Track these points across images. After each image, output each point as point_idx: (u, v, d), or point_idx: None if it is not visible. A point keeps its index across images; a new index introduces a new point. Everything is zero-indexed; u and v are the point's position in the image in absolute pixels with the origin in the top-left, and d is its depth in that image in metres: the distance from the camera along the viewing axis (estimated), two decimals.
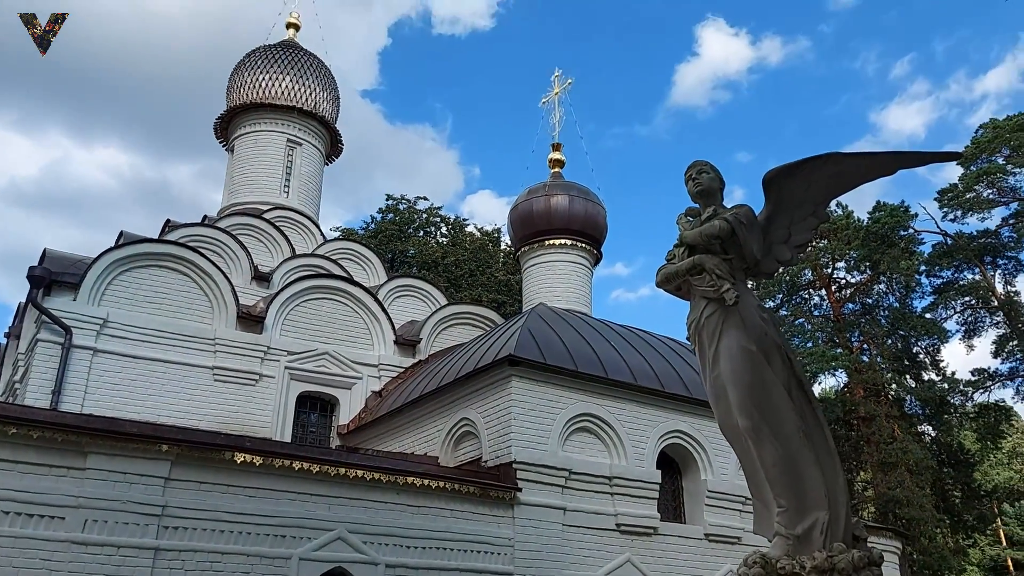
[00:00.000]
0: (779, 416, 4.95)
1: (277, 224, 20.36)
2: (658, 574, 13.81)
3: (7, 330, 18.43)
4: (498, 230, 39.78)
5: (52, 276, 14.59)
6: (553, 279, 19.49)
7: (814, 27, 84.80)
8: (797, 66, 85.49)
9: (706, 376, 5.26)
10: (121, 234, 18.47)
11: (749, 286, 5.40)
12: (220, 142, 23.90)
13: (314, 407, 17.31)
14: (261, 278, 18.41)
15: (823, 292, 38.24)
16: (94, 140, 74.27)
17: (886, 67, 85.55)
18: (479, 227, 40.68)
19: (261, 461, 10.70)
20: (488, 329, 18.43)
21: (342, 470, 11.27)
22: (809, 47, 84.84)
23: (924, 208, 44.54)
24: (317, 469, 11.10)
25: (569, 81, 21.41)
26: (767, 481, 5.04)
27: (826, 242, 36.30)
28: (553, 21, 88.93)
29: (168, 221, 20.11)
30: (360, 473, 11.39)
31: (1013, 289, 35.44)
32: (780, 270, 6.10)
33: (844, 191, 5.26)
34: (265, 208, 21.05)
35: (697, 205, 5.56)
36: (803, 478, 4.95)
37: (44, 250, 16.28)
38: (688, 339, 5.39)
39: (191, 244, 16.84)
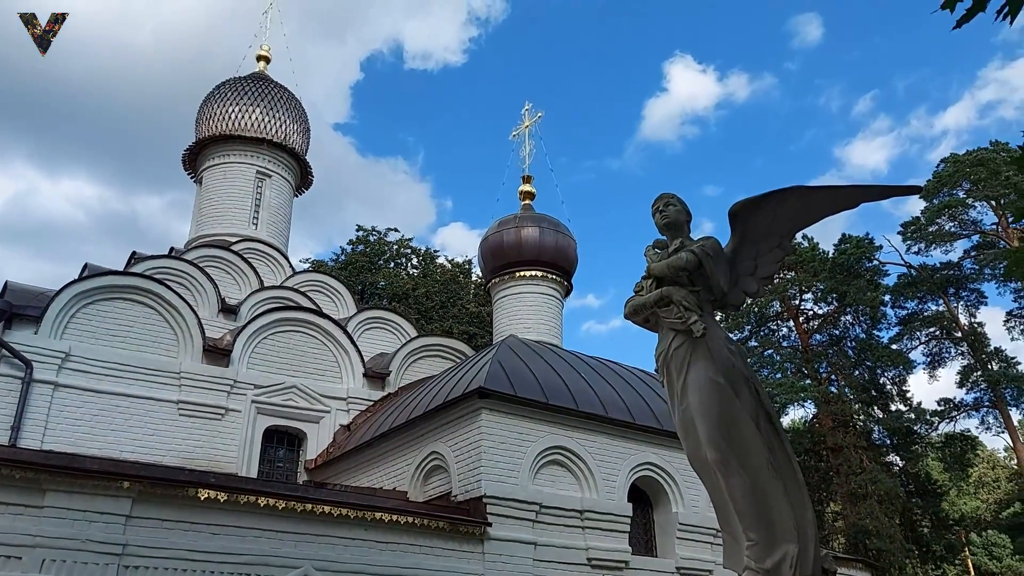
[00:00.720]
0: (747, 448, 4.95)
1: (245, 256, 20.17)
2: None
3: None
4: (469, 262, 39.79)
5: (13, 309, 14.29)
6: (524, 311, 19.46)
7: (779, 65, 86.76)
8: (763, 102, 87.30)
9: (675, 408, 5.25)
10: (85, 266, 18.19)
11: (716, 318, 5.41)
12: (188, 174, 23.70)
13: (281, 441, 17.03)
14: (228, 311, 18.18)
15: (791, 323, 38.66)
16: (61, 172, 73.45)
17: (849, 104, 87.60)
18: (450, 259, 40.70)
19: (226, 497, 10.48)
20: (458, 361, 18.33)
21: (309, 506, 11.07)
22: (775, 84, 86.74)
23: (888, 240, 45.50)
24: (283, 505, 10.88)
25: (539, 114, 21.61)
26: (736, 514, 5.02)
27: (793, 274, 36.78)
28: (524, 57, 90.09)
29: (134, 253, 19.82)
30: (327, 509, 11.19)
31: (976, 320, 36.17)
32: (747, 302, 6.12)
33: (809, 224, 5.33)
34: (233, 240, 20.86)
35: (664, 237, 5.59)
36: (772, 511, 4.94)
37: (5, 283, 15.96)
38: (656, 371, 5.38)
39: (157, 276, 16.61)
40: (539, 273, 19.64)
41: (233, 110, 22.54)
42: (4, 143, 69.69)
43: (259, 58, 24.83)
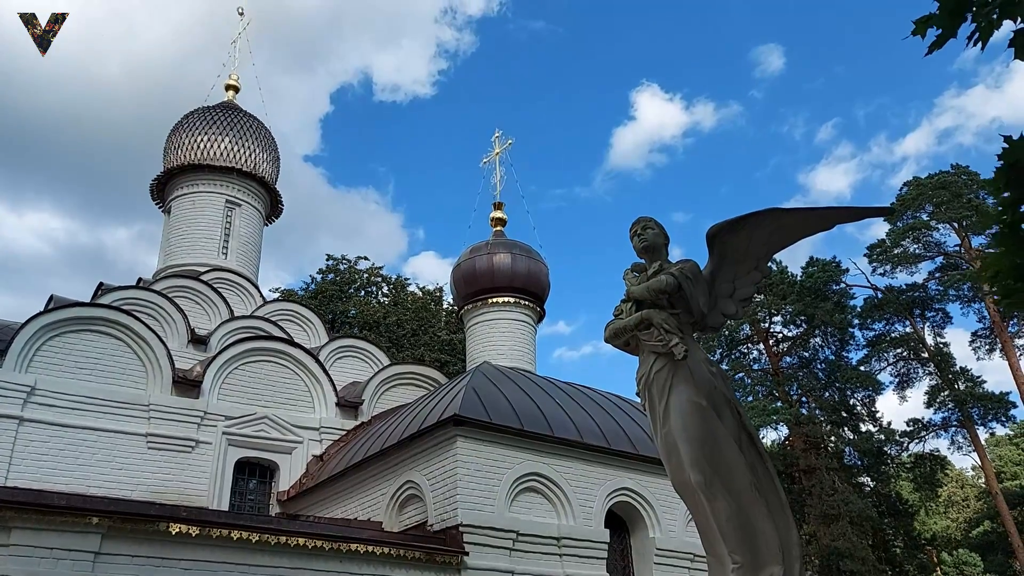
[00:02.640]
0: (731, 470, 4.95)
1: (215, 286, 19.94)
2: None
3: None
4: (440, 289, 39.71)
5: None
6: (497, 337, 19.40)
7: (744, 93, 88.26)
8: (729, 130, 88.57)
9: (657, 431, 5.25)
10: (51, 298, 17.88)
11: (696, 340, 5.44)
12: (156, 204, 23.46)
13: (253, 473, 16.75)
14: (198, 341, 17.93)
15: (761, 346, 39.00)
16: (24, 204, 72.23)
17: (812, 131, 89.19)
18: (421, 287, 40.59)
19: (198, 531, 10.27)
20: (432, 389, 18.21)
21: (283, 538, 10.88)
22: (740, 112, 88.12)
23: (855, 263, 46.16)
24: (256, 538, 10.69)
25: (509, 141, 21.71)
26: (721, 536, 5.00)
27: (763, 297, 37.17)
28: (492, 88, 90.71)
29: (101, 284, 19.51)
30: (302, 541, 11.01)
31: (942, 340, 36.76)
32: (725, 324, 6.16)
33: (785, 245, 5.39)
34: (203, 270, 20.62)
35: (643, 260, 5.62)
36: (756, 532, 4.94)
37: None
38: (637, 394, 5.38)
39: (125, 308, 16.35)
40: (512, 299, 19.62)
41: (202, 139, 22.39)
42: None
43: (228, 87, 24.74)
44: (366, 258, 40.02)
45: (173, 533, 10.12)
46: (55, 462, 14.10)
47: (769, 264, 5.46)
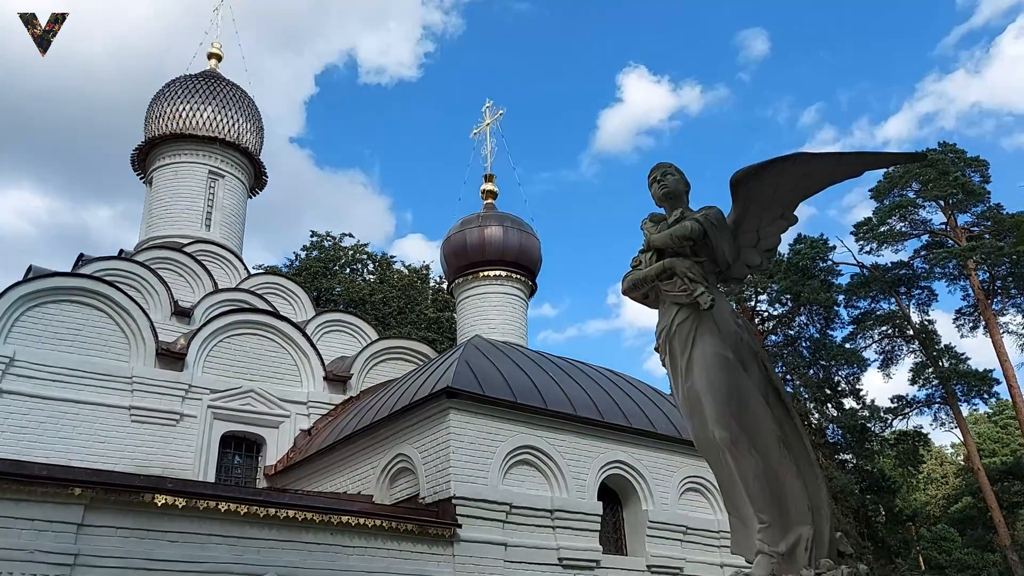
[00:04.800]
0: (758, 426, 4.72)
1: (198, 258, 19.51)
2: None
3: None
4: (427, 267, 39.31)
5: None
6: (488, 311, 19.12)
7: (731, 76, 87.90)
8: (715, 114, 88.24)
9: (678, 387, 4.98)
10: (30, 268, 17.42)
11: (721, 291, 5.18)
12: (138, 175, 22.91)
13: (239, 448, 16.46)
14: (182, 314, 17.55)
15: None
16: (5, 183, 70.82)
17: (796, 115, 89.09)
18: (407, 264, 40.16)
19: (184, 503, 9.99)
20: (421, 364, 17.94)
21: (272, 510, 10.62)
22: (726, 96, 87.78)
23: (841, 241, 46.15)
24: (245, 510, 10.42)
25: (500, 112, 21.31)
26: (747, 496, 4.77)
27: (750, 276, 37.09)
28: (478, 71, 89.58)
29: (81, 255, 19.05)
30: (292, 513, 10.75)
31: (927, 318, 36.84)
32: (747, 277, 5.91)
33: (812, 193, 5.11)
34: (186, 242, 20.17)
35: (660, 210, 5.34)
36: (785, 491, 4.71)
37: None
38: (656, 349, 5.12)
39: (107, 279, 15.92)
40: (503, 273, 19.34)
41: (184, 108, 21.86)
42: None
43: (210, 56, 24.16)
44: (351, 235, 39.54)
45: (159, 505, 9.84)
46: (36, 434, 13.73)
47: (796, 212, 5.17)
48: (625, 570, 14.15)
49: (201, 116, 21.81)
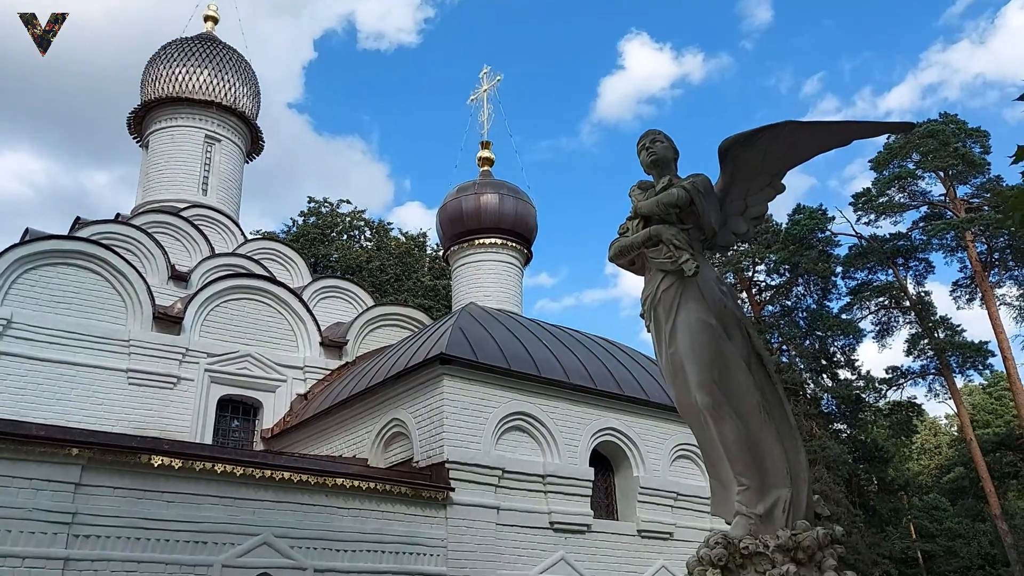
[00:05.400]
0: (739, 391, 4.79)
1: (195, 222, 19.50)
2: (592, 571, 13.67)
3: None
4: (424, 235, 39.29)
5: None
6: (483, 279, 19.20)
7: (734, 44, 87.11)
8: (717, 82, 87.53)
9: (662, 352, 5.05)
10: (27, 231, 17.42)
11: (707, 258, 5.23)
12: (134, 138, 22.81)
13: (236, 411, 16.61)
14: (179, 278, 17.59)
15: (744, 295, 39.06)
16: (3, 145, 70.38)
17: (798, 85, 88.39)
18: (404, 232, 40.11)
19: (181, 464, 10.12)
20: (416, 331, 18.03)
21: (268, 472, 10.76)
22: (727, 65, 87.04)
23: (840, 212, 46.03)
24: (241, 471, 10.56)
25: (498, 77, 21.20)
26: (727, 459, 4.86)
27: (747, 246, 37.11)
28: (478, 37, 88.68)
29: (78, 218, 19.01)
30: (287, 475, 10.90)
31: (924, 289, 36.96)
32: (734, 245, 5.96)
33: (801, 161, 5.14)
34: (182, 206, 20.15)
35: (649, 177, 5.37)
36: (764, 455, 4.80)
37: None
38: (641, 315, 5.18)
39: (103, 242, 15.95)
40: (499, 240, 19.38)
41: (180, 71, 21.70)
42: None
43: (207, 18, 23.93)
44: (348, 201, 39.44)
45: (155, 465, 9.97)
46: (34, 396, 13.84)
47: (783, 180, 5.20)
48: (616, 534, 14.38)
49: (197, 79, 21.66)
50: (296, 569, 10.71)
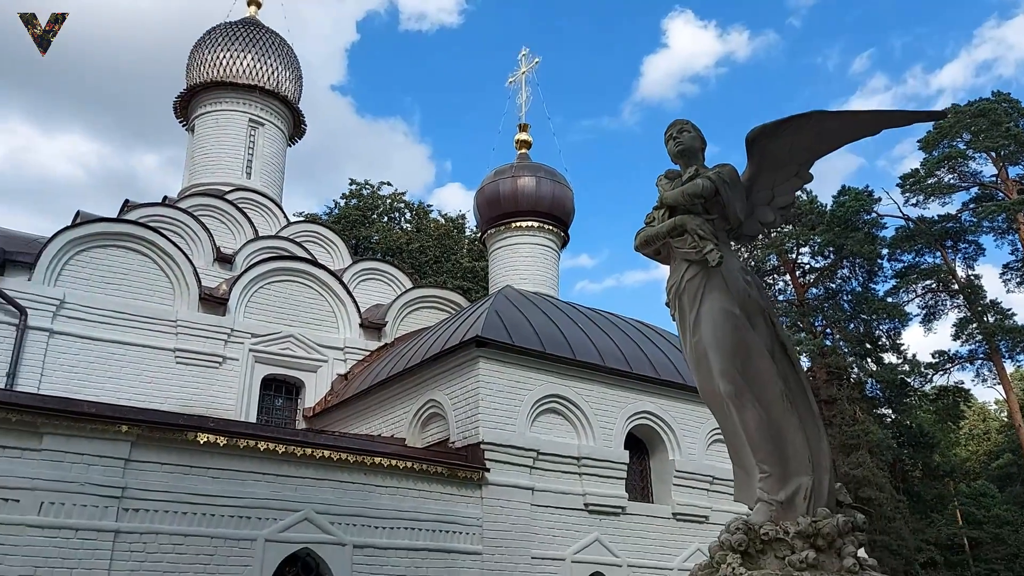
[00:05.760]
0: (762, 380, 4.85)
1: (239, 205, 19.91)
2: (626, 552, 13.80)
3: None
4: (463, 216, 39.51)
5: (6, 256, 14.09)
6: (520, 262, 19.29)
7: (780, 21, 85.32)
8: (762, 60, 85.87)
9: (686, 341, 5.12)
10: (78, 214, 17.95)
11: (732, 248, 5.27)
12: (180, 122, 23.31)
13: (279, 390, 17.00)
14: (223, 260, 18.00)
15: (787, 277, 38.64)
16: (57, 129, 72.10)
17: (846, 62, 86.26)
18: (443, 213, 40.38)
19: (225, 441, 10.44)
20: (453, 313, 18.23)
21: (308, 450, 11.05)
22: (774, 42, 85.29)
23: (887, 193, 45.10)
24: (283, 449, 10.86)
25: (536, 60, 21.14)
26: (749, 447, 4.93)
27: (791, 227, 36.65)
28: (519, 17, 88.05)
29: (127, 201, 19.53)
30: (327, 453, 11.18)
31: (973, 272, 36.17)
32: (760, 235, 5.97)
33: (828, 151, 5.14)
34: (227, 189, 20.56)
35: (676, 167, 5.41)
36: (786, 443, 4.86)
37: None
38: (667, 304, 5.24)
39: (151, 224, 16.38)
40: (535, 223, 19.44)
41: (224, 56, 22.07)
42: (1, 100, 68.42)
43: (250, 2, 24.24)
44: (389, 183, 39.79)
45: (201, 442, 10.29)
46: (85, 374, 14.34)
47: (811, 170, 5.21)
48: (651, 517, 14.47)
49: (241, 64, 22.02)
50: (336, 545, 11.01)
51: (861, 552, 4.79)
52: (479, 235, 21.64)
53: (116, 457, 9.81)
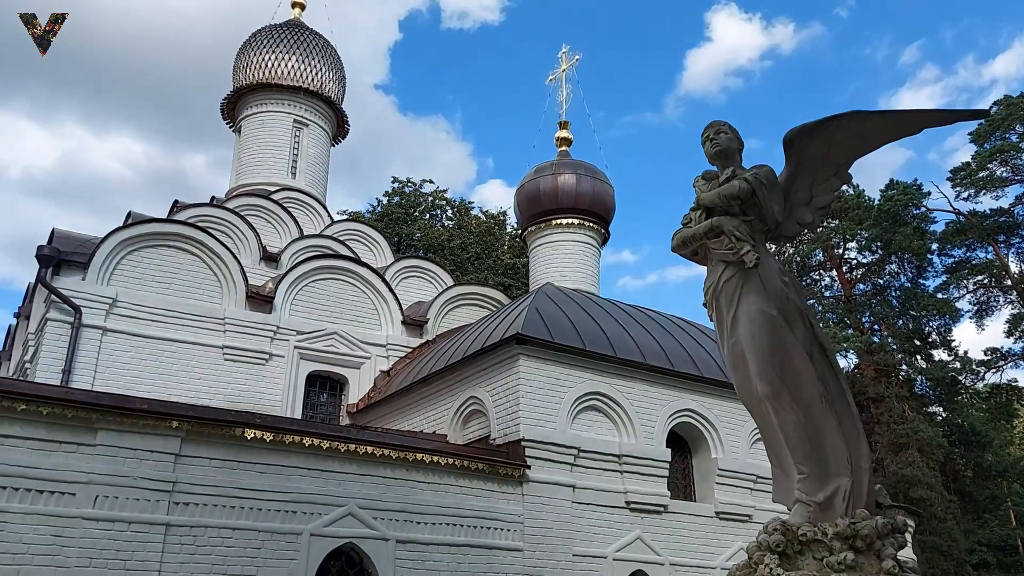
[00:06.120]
0: (800, 381, 4.83)
1: (285, 205, 20.28)
2: (668, 551, 13.77)
3: (17, 311, 18.43)
4: (504, 213, 39.63)
5: (61, 256, 14.55)
6: (560, 259, 19.32)
7: (827, 13, 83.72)
8: (808, 53, 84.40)
9: (724, 342, 5.13)
10: (129, 214, 18.44)
11: (769, 249, 5.26)
12: (227, 123, 23.78)
13: (323, 386, 17.29)
14: (269, 258, 18.34)
15: (834, 273, 38.00)
16: (108, 130, 73.89)
17: (895, 54, 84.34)
18: (484, 210, 40.55)
19: (272, 437, 10.67)
20: (495, 310, 18.33)
21: (352, 446, 11.24)
22: (820, 34, 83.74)
23: (937, 187, 44.01)
24: (327, 445, 11.06)
25: (576, 57, 21.13)
26: (788, 448, 4.93)
27: (837, 222, 36.02)
28: (561, 14, 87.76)
29: (176, 202, 20.02)
30: (370, 449, 11.36)
31: None
32: (799, 235, 5.95)
33: (868, 151, 5.09)
34: (272, 189, 20.95)
35: (714, 167, 5.41)
36: (825, 444, 4.84)
37: (52, 230, 16.23)
38: (704, 305, 5.25)
39: (200, 224, 16.78)
40: (576, 220, 19.44)
41: (269, 58, 22.47)
42: (55, 103, 70.38)
43: (294, 4, 24.64)
44: (431, 181, 40.07)
45: (248, 438, 10.54)
46: (137, 371, 14.75)
47: (850, 171, 5.18)
48: (693, 515, 14.42)
49: (286, 66, 22.39)
50: (379, 540, 11.19)
51: (902, 554, 4.76)
52: (520, 232, 21.69)
53: (167, 452, 10.09)
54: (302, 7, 24.66)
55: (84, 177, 69.98)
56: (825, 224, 34.58)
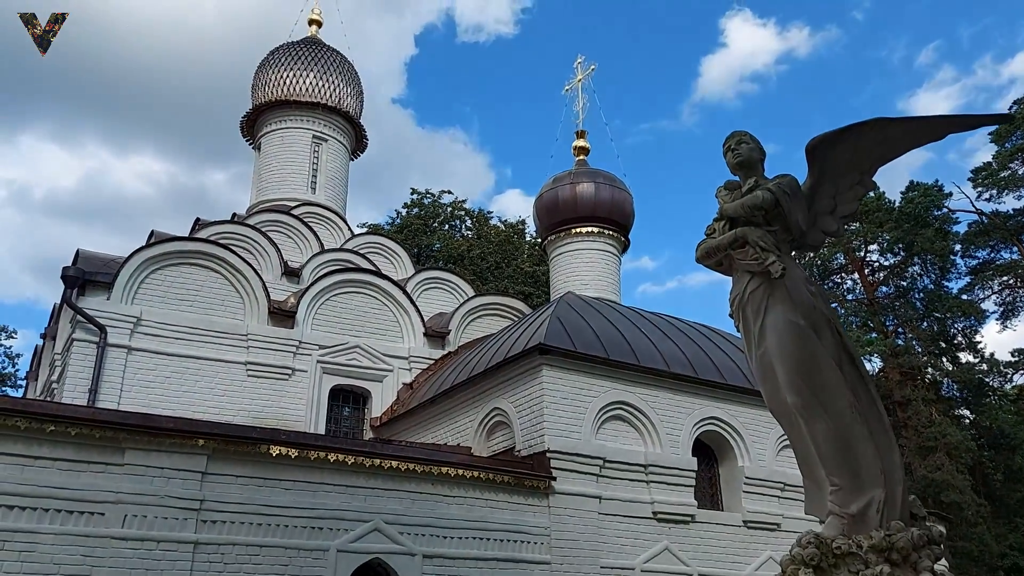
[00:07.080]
0: (830, 392, 4.77)
1: (305, 220, 20.42)
2: (697, 561, 13.65)
3: (43, 331, 18.64)
4: (523, 222, 39.65)
5: (86, 276, 14.72)
6: (581, 268, 19.29)
7: (843, 15, 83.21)
8: (824, 57, 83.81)
9: (751, 354, 5.08)
10: (152, 233, 18.63)
11: (794, 259, 5.21)
12: (247, 140, 24.01)
13: (347, 400, 17.34)
14: (291, 273, 18.46)
15: (855, 276, 37.65)
16: (129, 150, 74.67)
17: (912, 55, 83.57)
18: (503, 220, 40.57)
19: (297, 453, 10.70)
20: (516, 319, 18.31)
21: (377, 461, 11.24)
22: (835, 38, 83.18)
23: (958, 187, 43.39)
24: (352, 460, 11.08)
25: (592, 67, 21.15)
26: (819, 459, 4.86)
27: (858, 225, 35.71)
28: (575, 24, 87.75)
29: (198, 220, 20.21)
30: (395, 464, 11.36)
31: None
32: (823, 244, 5.89)
33: (891, 158, 5.05)
34: (293, 204, 21.11)
35: (736, 178, 5.38)
36: (857, 455, 4.77)
37: (77, 250, 16.41)
38: (730, 316, 5.21)
39: (221, 241, 16.91)
40: (595, 229, 19.41)
41: (287, 75, 22.67)
42: (77, 125, 71.30)
43: (311, 22, 24.87)
44: (450, 192, 40.17)
45: (274, 455, 10.58)
46: (162, 389, 14.87)
47: (874, 178, 5.13)
48: (721, 525, 14.29)
49: (304, 83, 22.58)
50: (406, 555, 11.17)
51: (938, 566, 4.69)
52: (540, 242, 21.70)
53: (194, 470, 10.15)
54: (319, 24, 24.89)
55: (107, 197, 70.75)
56: (846, 226, 34.29)
